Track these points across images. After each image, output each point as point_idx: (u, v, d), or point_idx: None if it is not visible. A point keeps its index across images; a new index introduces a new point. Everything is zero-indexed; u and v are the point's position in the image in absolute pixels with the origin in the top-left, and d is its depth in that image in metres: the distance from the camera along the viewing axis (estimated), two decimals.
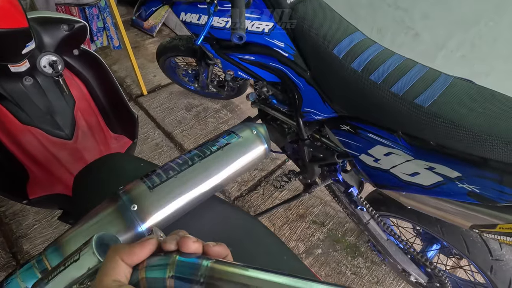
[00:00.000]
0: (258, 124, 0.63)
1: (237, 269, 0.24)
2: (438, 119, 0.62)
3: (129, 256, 0.26)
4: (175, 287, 0.24)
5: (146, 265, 0.26)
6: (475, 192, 0.58)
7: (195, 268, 0.24)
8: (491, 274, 0.82)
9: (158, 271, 0.25)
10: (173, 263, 0.25)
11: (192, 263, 0.25)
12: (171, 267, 0.25)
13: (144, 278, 0.25)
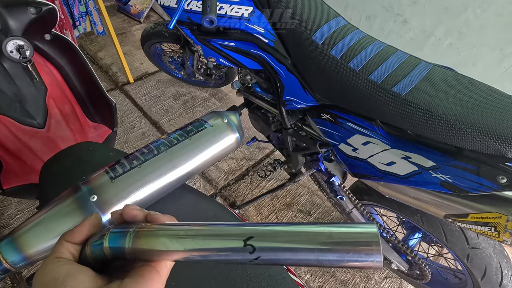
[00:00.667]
0: (230, 112, 0.61)
1: (159, 231, 0.26)
2: (414, 107, 0.60)
3: (71, 236, 0.29)
4: (111, 253, 0.27)
5: (90, 241, 0.29)
6: (447, 182, 0.57)
7: (123, 236, 0.27)
8: (468, 262, 0.83)
9: (98, 243, 0.28)
10: (107, 235, 0.28)
11: (121, 231, 0.27)
12: (106, 238, 0.27)
13: (89, 251, 0.28)
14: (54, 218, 0.42)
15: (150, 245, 0.25)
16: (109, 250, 0.27)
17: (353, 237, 0.21)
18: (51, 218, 0.42)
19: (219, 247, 0.23)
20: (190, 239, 0.24)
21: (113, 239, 0.27)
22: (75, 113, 0.87)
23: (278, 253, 0.21)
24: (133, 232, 0.26)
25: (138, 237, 0.26)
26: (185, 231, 0.25)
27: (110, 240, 0.27)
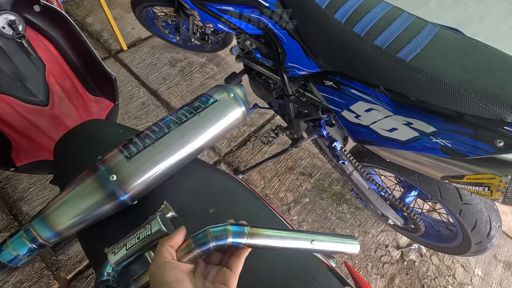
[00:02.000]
0: (235, 86, 0.61)
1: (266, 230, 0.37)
2: (419, 73, 0.61)
3: (171, 241, 0.37)
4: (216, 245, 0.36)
5: (191, 242, 0.37)
6: (447, 146, 0.60)
7: (241, 234, 0.37)
8: (460, 216, 0.90)
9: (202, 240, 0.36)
10: (210, 234, 0.36)
11: (239, 230, 0.37)
12: (229, 234, 0.36)
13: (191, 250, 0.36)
14: (78, 197, 0.45)
15: (261, 241, 0.36)
16: (231, 244, 0.36)
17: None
18: (76, 197, 0.45)
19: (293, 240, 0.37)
20: (280, 238, 0.37)
21: (234, 236, 0.36)
22: (76, 89, 0.86)
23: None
24: (248, 230, 0.36)
25: (253, 235, 0.36)
26: (280, 233, 0.37)
27: (233, 236, 0.36)
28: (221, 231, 0.36)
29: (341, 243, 0.38)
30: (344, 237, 0.39)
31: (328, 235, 0.38)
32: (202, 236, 0.36)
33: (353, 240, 0.39)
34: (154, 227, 0.40)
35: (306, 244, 0.37)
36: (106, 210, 0.47)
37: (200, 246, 0.36)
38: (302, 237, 0.37)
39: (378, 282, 1.29)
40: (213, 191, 0.54)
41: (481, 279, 1.35)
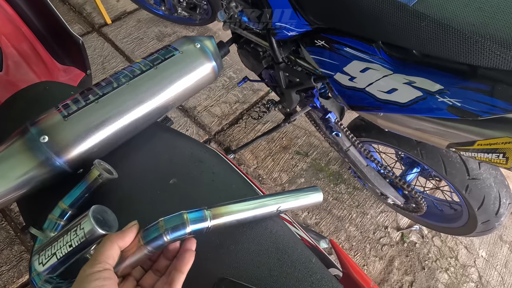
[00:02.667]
0: (205, 37, 0.52)
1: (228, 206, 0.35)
2: (424, 20, 0.50)
3: (122, 240, 0.31)
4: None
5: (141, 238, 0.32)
6: (456, 106, 0.51)
7: (201, 217, 0.33)
8: (466, 193, 0.81)
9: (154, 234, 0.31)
10: (163, 226, 0.31)
11: (198, 214, 0.34)
12: (187, 222, 0.32)
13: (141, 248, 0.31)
14: (3, 164, 0.37)
15: (226, 219, 0.34)
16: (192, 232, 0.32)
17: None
18: (1, 164, 0.37)
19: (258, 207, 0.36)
20: (245, 210, 0.35)
21: (194, 222, 0.32)
22: (37, 53, 0.77)
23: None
24: (209, 213, 0.33)
25: (215, 216, 0.33)
26: (243, 205, 0.35)
27: (191, 222, 0.32)
28: (176, 221, 0.31)
29: (305, 197, 0.39)
30: (306, 190, 0.40)
31: (292, 193, 0.39)
32: (154, 230, 0.31)
33: (316, 191, 0.40)
34: (86, 227, 0.32)
35: (272, 209, 0.36)
36: (40, 178, 0.39)
37: (152, 241, 0.31)
38: (267, 204, 0.36)
39: (376, 264, 1.23)
40: (176, 159, 0.46)
41: (485, 261, 1.28)
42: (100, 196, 0.43)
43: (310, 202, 0.40)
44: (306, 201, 0.39)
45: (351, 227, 1.30)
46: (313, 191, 0.40)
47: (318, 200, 0.40)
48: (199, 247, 0.34)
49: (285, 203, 0.37)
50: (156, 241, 0.30)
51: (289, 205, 0.38)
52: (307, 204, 0.40)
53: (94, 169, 0.38)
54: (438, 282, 1.22)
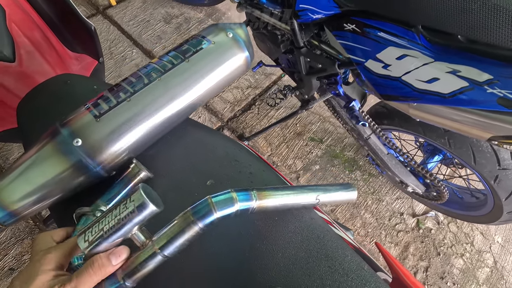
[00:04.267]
0: (236, 25, 0.48)
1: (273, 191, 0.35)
2: (475, 2, 0.46)
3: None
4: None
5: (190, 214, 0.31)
6: (507, 98, 0.47)
7: (248, 197, 0.33)
8: (495, 183, 0.79)
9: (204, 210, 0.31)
10: (212, 203, 0.31)
11: (245, 194, 0.34)
12: (213, 205, 0.31)
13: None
14: (34, 169, 0.35)
15: (270, 202, 0.33)
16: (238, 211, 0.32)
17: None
18: (31, 169, 0.35)
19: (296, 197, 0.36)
20: (287, 196, 0.35)
21: (242, 201, 0.32)
22: (49, 42, 0.73)
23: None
24: (255, 194, 0.33)
25: (260, 197, 0.33)
26: (285, 192, 0.35)
27: (239, 200, 0.32)
28: (226, 199, 0.31)
29: (341, 192, 0.39)
30: (341, 186, 0.39)
31: (328, 187, 0.38)
32: (203, 207, 0.31)
33: (351, 188, 0.39)
34: (137, 200, 0.30)
35: (311, 199, 0.36)
36: (74, 183, 0.37)
37: (202, 218, 0.30)
38: (307, 193, 0.36)
39: (391, 250, 1.23)
40: (211, 159, 0.43)
41: (501, 246, 1.28)
42: None
43: (345, 199, 0.39)
44: (341, 197, 0.39)
45: (366, 214, 1.29)
46: (348, 188, 0.40)
47: (352, 198, 0.40)
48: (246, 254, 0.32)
49: (324, 194, 0.37)
50: (207, 217, 0.30)
51: (326, 198, 0.38)
52: (342, 200, 0.39)
53: (134, 167, 0.38)
54: (453, 267, 1.23)
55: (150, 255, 0.30)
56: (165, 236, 0.30)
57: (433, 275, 1.21)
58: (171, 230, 0.30)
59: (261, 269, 0.34)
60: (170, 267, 0.34)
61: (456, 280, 1.21)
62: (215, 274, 0.35)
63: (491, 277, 1.22)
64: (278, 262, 0.34)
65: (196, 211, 0.30)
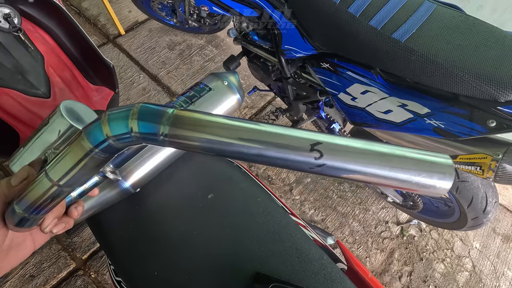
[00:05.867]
0: (229, 73, 0.62)
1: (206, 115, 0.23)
2: (413, 54, 0.60)
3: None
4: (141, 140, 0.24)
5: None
6: (440, 127, 0.61)
7: (158, 116, 0.23)
8: (456, 193, 0.91)
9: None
10: (135, 114, 0.23)
11: (155, 109, 0.23)
12: (134, 120, 0.23)
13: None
14: None
15: (196, 129, 0.21)
16: (139, 136, 0.22)
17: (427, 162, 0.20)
18: None
19: (282, 143, 0.20)
20: (249, 129, 0.21)
21: (143, 125, 0.22)
22: (76, 79, 0.87)
23: (346, 164, 0.20)
24: (172, 113, 0.22)
25: (179, 120, 0.21)
26: (240, 123, 0.21)
27: (139, 126, 0.22)
28: (123, 115, 0.22)
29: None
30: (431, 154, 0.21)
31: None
32: (95, 125, 0.23)
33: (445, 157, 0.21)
34: (57, 124, 0.32)
35: (307, 157, 0.20)
36: (111, 198, 0.50)
37: (93, 138, 0.23)
38: (304, 138, 0.20)
39: (377, 256, 1.35)
40: (211, 177, 0.57)
41: (479, 252, 1.39)
42: (148, 206, 0.54)
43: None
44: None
45: (354, 223, 1.41)
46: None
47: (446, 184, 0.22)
48: (238, 245, 0.44)
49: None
50: (97, 137, 0.23)
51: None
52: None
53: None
54: (435, 271, 1.33)
55: (40, 181, 0.27)
56: (56, 161, 0.25)
57: (417, 279, 1.32)
58: (61, 154, 0.25)
59: (247, 259, 0.46)
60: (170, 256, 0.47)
61: (437, 284, 1.31)
62: (209, 260, 0.47)
63: (470, 281, 1.33)
64: (260, 254, 0.46)
65: (88, 131, 0.23)
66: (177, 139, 0.21)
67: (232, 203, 0.53)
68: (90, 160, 0.24)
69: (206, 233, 0.50)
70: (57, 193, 0.27)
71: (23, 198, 0.28)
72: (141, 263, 0.49)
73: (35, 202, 0.28)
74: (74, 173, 0.25)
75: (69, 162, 0.25)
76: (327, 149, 0.20)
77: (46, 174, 0.26)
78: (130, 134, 0.22)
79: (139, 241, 0.51)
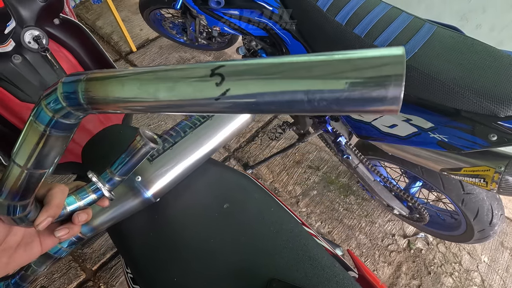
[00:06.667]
0: None
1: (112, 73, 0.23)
2: (416, 72, 0.64)
3: None
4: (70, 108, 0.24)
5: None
6: (444, 141, 0.64)
7: (74, 85, 0.24)
8: (462, 205, 0.93)
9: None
10: (60, 88, 0.24)
11: (73, 80, 0.24)
12: (59, 90, 0.24)
13: None
14: None
15: (107, 88, 0.21)
16: (66, 103, 0.23)
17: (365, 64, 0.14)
18: None
19: (182, 76, 0.19)
20: (149, 76, 0.20)
21: (66, 94, 0.23)
22: None
23: (252, 85, 0.16)
24: (84, 79, 0.23)
25: (91, 82, 0.22)
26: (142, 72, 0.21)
27: (64, 96, 0.23)
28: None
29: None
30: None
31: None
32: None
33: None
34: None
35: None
36: (133, 207, 0.53)
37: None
38: (205, 66, 0.18)
39: (385, 269, 1.34)
40: (226, 188, 0.60)
41: (488, 266, 1.38)
42: (167, 215, 0.57)
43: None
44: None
45: (361, 235, 1.41)
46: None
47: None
48: (253, 252, 0.47)
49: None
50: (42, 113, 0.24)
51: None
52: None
53: (139, 139, 0.36)
54: (444, 285, 1.32)
55: (10, 168, 0.28)
56: (18, 147, 0.27)
57: None
58: (21, 139, 0.26)
59: (262, 265, 0.48)
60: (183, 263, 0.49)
61: None
62: (226, 266, 0.49)
63: None
64: (274, 261, 0.49)
65: (35, 114, 0.25)
66: (93, 95, 0.22)
67: (246, 212, 0.56)
68: (48, 139, 0.25)
69: (223, 241, 0.53)
70: (29, 177, 0.28)
71: (3, 188, 0.29)
72: (161, 270, 0.52)
73: (13, 189, 0.29)
74: (36, 154, 0.26)
75: (29, 145, 0.26)
76: (229, 71, 0.17)
77: (13, 160, 0.27)
78: (62, 105, 0.23)
79: (159, 248, 0.54)
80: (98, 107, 0.23)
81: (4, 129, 0.78)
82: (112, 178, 0.41)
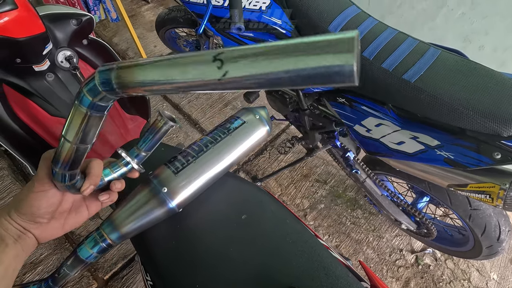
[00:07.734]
0: (260, 108, 0.71)
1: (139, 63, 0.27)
2: (422, 93, 0.68)
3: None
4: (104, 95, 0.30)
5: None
6: (450, 158, 0.67)
7: (109, 73, 0.28)
8: (469, 221, 0.95)
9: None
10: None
11: (107, 69, 0.28)
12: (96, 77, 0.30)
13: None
14: (137, 206, 0.55)
15: (135, 76, 0.26)
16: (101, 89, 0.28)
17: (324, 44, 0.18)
18: (135, 206, 0.55)
19: (191, 61, 0.23)
20: (167, 63, 0.25)
21: (102, 81, 0.28)
22: (116, 109, 0.98)
23: (247, 67, 0.21)
24: (116, 67, 0.27)
25: (121, 70, 0.27)
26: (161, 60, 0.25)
27: (101, 82, 0.28)
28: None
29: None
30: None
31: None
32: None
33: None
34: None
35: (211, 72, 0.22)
36: (158, 216, 0.56)
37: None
38: (208, 53, 0.22)
39: (393, 285, 1.34)
40: (244, 200, 0.63)
41: (497, 283, 1.37)
42: (189, 224, 0.61)
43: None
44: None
45: (368, 250, 1.42)
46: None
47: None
48: (271, 261, 0.50)
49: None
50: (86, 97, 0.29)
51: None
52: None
53: (160, 119, 0.44)
54: None
55: (62, 144, 0.33)
56: (67, 126, 0.32)
57: None
58: (69, 119, 0.31)
59: (280, 274, 0.51)
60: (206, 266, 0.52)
61: None
62: (245, 274, 0.52)
63: None
64: (291, 270, 0.52)
65: (79, 100, 0.30)
66: (123, 80, 0.27)
67: (263, 223, 0.59)
68: (89, 119, 0.31)
69: (242, 250, 0.56)
70: (76, 150, 0.34)
71: (57, 159, 0.36)
72: (183, 277, 0.55)
73: (65, 160, 0.35)
74: (81, 132, 0.32)
75: (75, 124, 0.31)
76: (227, 57, 0.21)
77: (64, 137, 0.33)
78: (99, 90, 0.28)
79: (180, 256, 0.57)
80: (127, 90, 0.28)
81: (34, 142, 0.84)
82: (139, 154, 0.50)
